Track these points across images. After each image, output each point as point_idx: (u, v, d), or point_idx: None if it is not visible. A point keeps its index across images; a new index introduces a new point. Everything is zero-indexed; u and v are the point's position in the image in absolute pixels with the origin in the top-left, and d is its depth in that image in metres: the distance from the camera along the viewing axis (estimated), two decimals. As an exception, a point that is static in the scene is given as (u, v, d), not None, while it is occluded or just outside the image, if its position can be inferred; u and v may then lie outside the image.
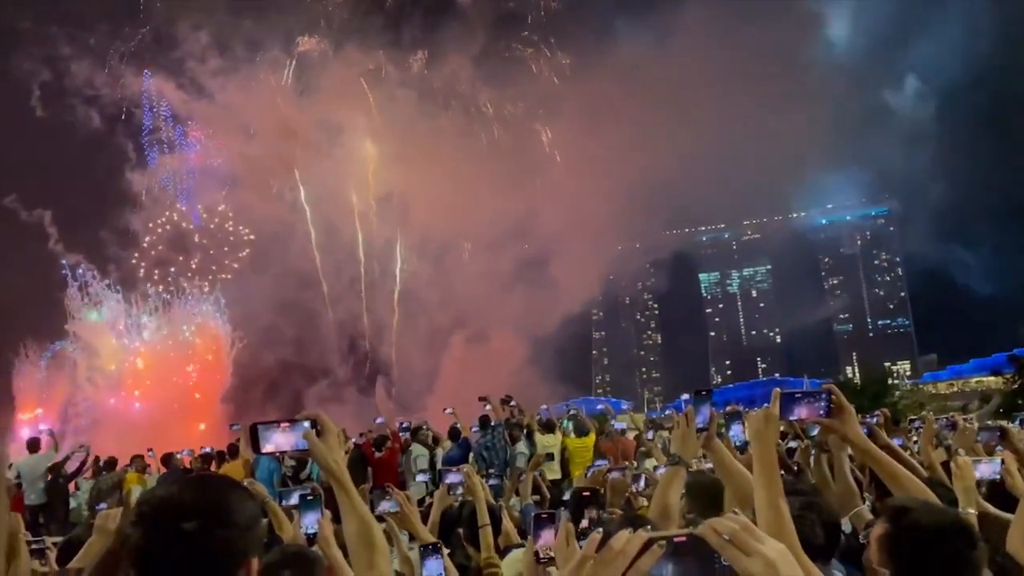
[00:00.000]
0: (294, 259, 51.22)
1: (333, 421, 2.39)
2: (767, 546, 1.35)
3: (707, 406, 3.43)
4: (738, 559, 1.31)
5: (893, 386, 53.18)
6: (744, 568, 1.31)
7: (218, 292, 46.04)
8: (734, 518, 1.39)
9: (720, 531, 1.33)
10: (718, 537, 1.32)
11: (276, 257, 51.49)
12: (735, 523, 1.35)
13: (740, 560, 1.31)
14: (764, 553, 1.34)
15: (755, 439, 2.60)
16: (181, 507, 1.70)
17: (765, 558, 1.33)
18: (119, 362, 41.11)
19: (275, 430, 2.35)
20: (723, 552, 1.32)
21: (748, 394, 63.81)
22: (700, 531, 1.33)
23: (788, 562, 1.36)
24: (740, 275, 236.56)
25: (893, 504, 2.30)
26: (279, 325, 48.02)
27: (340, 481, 2.39)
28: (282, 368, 47.83)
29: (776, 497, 2.42)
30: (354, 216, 52.70)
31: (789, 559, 1.37)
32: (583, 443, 13.28)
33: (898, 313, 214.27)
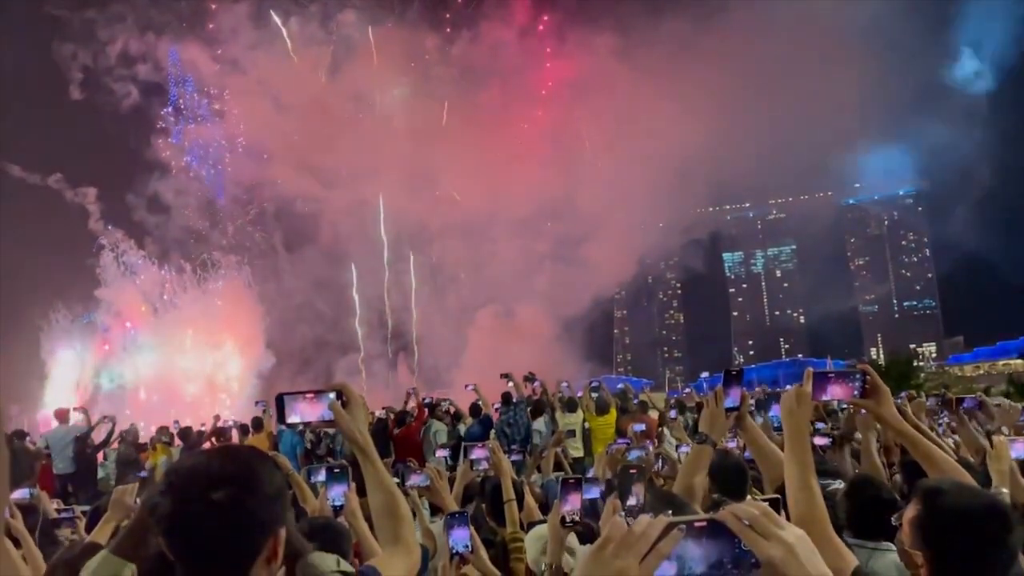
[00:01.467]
0: (325, 235, 51.47)
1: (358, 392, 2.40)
2: (787, 531, 1.37)
3: (738, 387, 3.41)
4: (758, 543, 1.33)
5: (918, 368, 52.79)
6: (764, 552, 1.33)
7: (246, 266, 46.29)
8: (754, 503, 1.40)
9: (740, 516, 1.34)
10: (738, 522, 1.33)
11: (308, 233, 51.85)
12: (755, 508, 1.36)
13: (760, 544, 1.33)
14: (783, 538, 1.35)
15: (787, 417, 2.59)
16: (210, 477, 1.71)
17: (785, 543, 1.34)
18: (152, 334, 41.43)
19: (301, 401, 2.37)
20: (743, 537, 1.33)
21: (771, 374, 63.55)
22: (720, 516, 1.34)
23: (807, 547, 1.37)
24: (764, 255, 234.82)
25: (926, 485, 2.27)
26: (310, 301, 48.43)
27: (365, 452, 2.41)
28: (313, 344, 48.26)
29: (808, 475, 2.41)
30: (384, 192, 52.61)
31: (808, 544, 1.38)
32: (604, 421, 13.32)
33: (924, 295, 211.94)
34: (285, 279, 48.45)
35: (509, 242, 52.45)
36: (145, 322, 41.36)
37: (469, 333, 48.69)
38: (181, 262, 44.12)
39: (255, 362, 41.41)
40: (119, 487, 3.92)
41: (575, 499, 3.43)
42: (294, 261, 50.61)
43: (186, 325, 42.10)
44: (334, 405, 2.35)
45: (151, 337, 41.07)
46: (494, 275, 51.36)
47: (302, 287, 48.44)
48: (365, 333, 52.09)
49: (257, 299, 44.05)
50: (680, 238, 67.61)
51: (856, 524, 3.33)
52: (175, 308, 42.37)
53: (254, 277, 45.69)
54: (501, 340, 44.95)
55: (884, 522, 2.93)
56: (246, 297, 43.80)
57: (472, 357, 44.99)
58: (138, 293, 41.33)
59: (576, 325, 54.67)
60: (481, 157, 50.81)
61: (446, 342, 49.70)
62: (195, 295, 43.34)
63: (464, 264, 53.11)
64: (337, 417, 2.36)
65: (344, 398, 2.38)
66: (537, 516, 5.08)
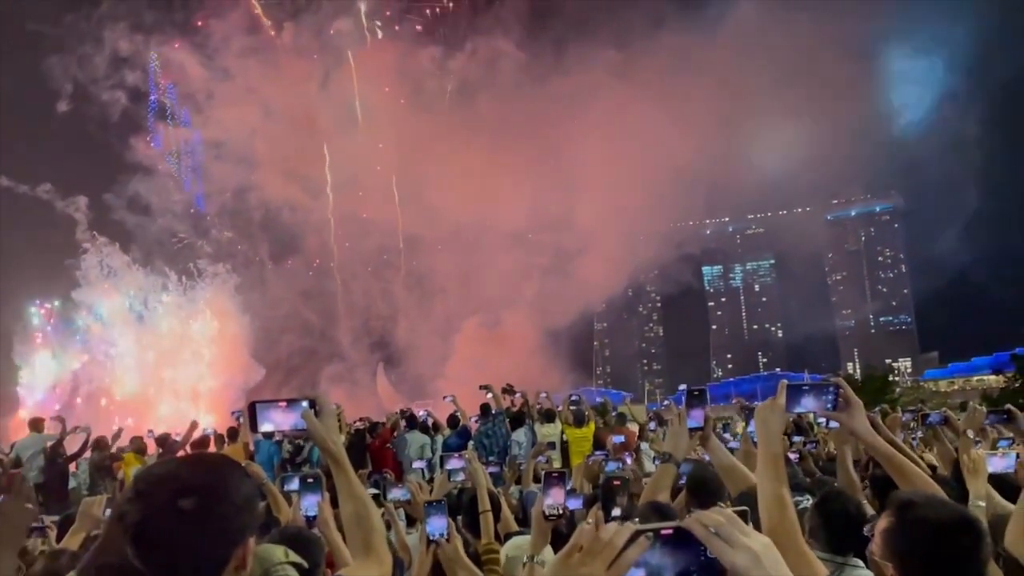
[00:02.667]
0: (311, 244, 51.36)
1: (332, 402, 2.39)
2: (753, 539, 1.37)
3: (700, 407, 3.44)
4: (723, 551, 1.33)
5: (894, 383, 53.36)
6: (729, 560, 1.33)
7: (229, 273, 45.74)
8: (720, 511, 1.41)
9: (706, 524, 1.34)
10: (704, 529, 1.34)
11: (293, 241, 51.77)
12: (721, 516, 1.37)
13: (725, 552, 1.33)
14: (749, 545, 1.36)
15: (760, 429, 2.60)
16: (179, 484, 1.68)
17: (750, 550, 1.35)
18: (133, 341, 40.63)
19: (274, 409, 2.35)
20: (709, 544, 1.34)
21: (749, 388, 64.00)
22: (687, 523, 1.34)
23: (773, 555, 1.38)
24: (743, 269, 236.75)
25: (898, 497, 2.28)
26: (297, 310, 48.22)
27: (338, 461, 2.39)
28: (299, 353, 47.99)
29: (780, 487, 2.42)
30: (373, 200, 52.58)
31: (774, 552, 1.39)
32: (582, 433, 13.28)
33: (900, 311, 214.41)
34: (271, 288, 48.21)
35: (495, 254, 52.69)
36: (126, 328, 40.62)
37: (454, 343, 48.78)
38: (166, 269, 43.48)
39: (240, 371, 40.79)
40: (87, 499, 3.86)
41: (558, 493, 3.44)
42: (280, 271, 50.50)
43: (168, 333, 41.51)
44: (307, 414, 2.33)
45: (132, 344, 40.37)
46: (479, 286, 51.56)
47: (288, 296, 48.24)
48: (350, 342, 51.89)
49: (242, 308, 43.60)
50: (661, 252, 68.09)
51: (825, 538, 3.34)
52: (157, 315, 41.80)
53: (240, 286, 45.20)
54: (485, 351, 45.05)
55: (853, 537, 2.95)
56: (231, 306, 43.29)
57: (456, 367, 44.97)
58: (121, 298, 40.52)
59: (558, 337, 54.93)
60: (470, 170, 51.02)
61: (431, 352, 49.68)
62: (179, 302, 42.81)
63: (451, 274, 53.20)
64: (310, 426, 2.34)
65: (317, 407, 2.36)
66: (514, 527, 5.06)
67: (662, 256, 70.95)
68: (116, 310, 40.34)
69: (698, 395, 3.45)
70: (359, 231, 51.70)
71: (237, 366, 40.58)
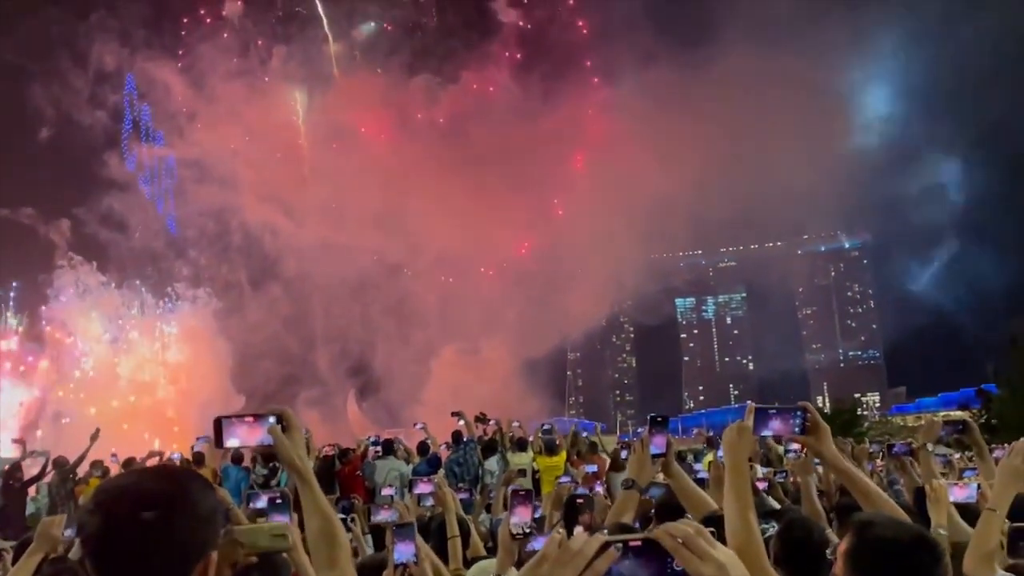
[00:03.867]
0: (290, 267, 50.99)
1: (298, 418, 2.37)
2: (719, 551, 1.39)
3: (662, 433, 3.46)
4: (691, 562, 1.35)
5: (862, 417, 53.87)
6: (696, 571, 1.35)
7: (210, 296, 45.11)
8: (688, 522, 1.43)
9: (675, 535, 1.36)
10: (672, 540, 1.35)
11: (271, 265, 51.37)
12: (690, 527, 1.39)
13: (693, 563, 1.35)
14: (716, 557, 1.38)
15: (728, 451, 2.63)
16: (140, 496, 1.66)
17: (717, 562, 1.37)
18: (103, 363, 39.63)
19: (240, 424, 2.33)
20: (677, 555, 1.35)
21: (721, 420, 64.09)
22: (655, 535, 1.36)
23: (738, 568, 1.40)
24: (716, 301, 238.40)
25: (859, 518, 2.32)
26: (275, 335, 47.69)
27: (304, 478, 2.35)
28: (276, 380, 47.37)
29: (746, 509, 2.45)
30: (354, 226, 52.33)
31: (740, 565, 1.41)
32: (553, 462, 13.26)
33: (869, 345, 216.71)
34: (249, 313, 47.66)
35: (473, 282, 52.76)
36: (98, 349, 39.67)
37: (432, 369, 48.56)
38: (142, 291, 42.72)
39: (218, 397, 39.78)
40: (46, 519, 3.78)
41: (524, 511, 3.43)
42: (257, 295, 49.99)
43: (141, 356, 40.64)
44: (273, 429, 2.30)
45: (104, 366, 39.40)
46: (456, 314, 51.53)
47: (266, 321, 47.70)
48: (327, 367, 51.36)
49: (220, 332, 42.90)
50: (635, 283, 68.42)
51: (788, 564, 3.37)
52: (131, 338, 40.92)
53: (218, 311, 44.52)
54: (462, 378, 44.93)
55: (816, 563, 2.98)
56: (208, 330, 42.51)
57: (432, 394, 44.74)
58: (94, 318, 39.60)
59: (535, 366, 54.93)
60: (450, 198, 51.19)
61: (408, 378, 49.40)
62: (154, 325, 42.04)
63: (429, 302, 53.11)
64: (276, 442, 2.31)
65: (284, 422, 2.33)
66: (482, 553, 5.03)
67: (636, 287, 71.37)
68: (88, 330, 39.51)
69: (660, 422, 3.48)
70: (338, 257, 51.44)
71: (214, 392, 39.68)
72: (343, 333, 52.15)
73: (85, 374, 39.13)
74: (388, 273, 53.77)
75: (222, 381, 41.10)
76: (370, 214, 51.16)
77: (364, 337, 52.89)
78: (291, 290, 50.66)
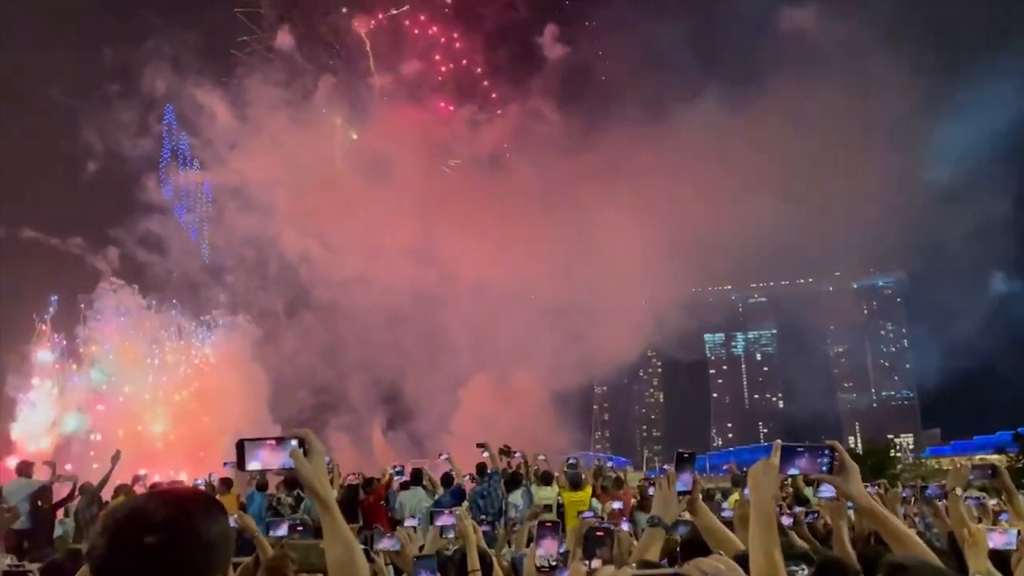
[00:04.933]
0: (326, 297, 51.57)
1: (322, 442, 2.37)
2: None
3: (689, 471, 3.41)
4: None
5: (895, 459, 52.68)
6: None
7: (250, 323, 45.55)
8: (718, 558, 1.41)
9: (706, 570, 1.34)
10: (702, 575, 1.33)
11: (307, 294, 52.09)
12: (720, 563, 1.37)
13: None
14: None
15: (754, 488, 2.59)
16: (146, 520, 1.68)
17: None
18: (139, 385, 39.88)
19: (262, 447, 2.33)
20: None
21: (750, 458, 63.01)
22: (685, 570, 1.34)
23: None
24: (745, 337, 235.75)
25: (890, 560, 2.26)
26: (309, 363, 48.14)
27: (325, 503, 2.34)
28: (309, 408, 47.73)
29: (771, 547, 2.40)
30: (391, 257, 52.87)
31: None
32: (578, 497, 13.11)
33: (903, 385, 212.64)
34: (285, 341, 48.21)
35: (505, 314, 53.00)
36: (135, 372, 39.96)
37: (461, 399, 48.70)
38: (180, 317, 43.19)
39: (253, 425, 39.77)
40: None
41: (551, 544, 3.40)
42: (294, 324, 50.62)
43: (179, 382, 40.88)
44: (295, 453, 2.30)
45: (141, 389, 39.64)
46: (488, 345, 51.75)
47: (301, 349, 48.20)
48: (359, 396, 51.63)
49: (256, 359, 43.25)
50: (664, 318, 68.14)
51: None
52: (169, 363, 41.26)
53: (256, 339, 44.94)
54: (491, 408, 44.99)
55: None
56: (245, 357, 42.80)
57: (461, 423, 44.78)
58: (133, 340, 39.97)
59: (562, 399, 54.84)
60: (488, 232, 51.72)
61: (438, 407, 49.57)
62: (192, 351, 42.42)
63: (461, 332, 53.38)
64: (298, 465, 2.30)
65: (307, 446, 2.33)
66: (504, 587, 4.97)
67: (665, 322, 71.05)
68: (127, 352, 39.86)
69: (687, 458, 3.43)
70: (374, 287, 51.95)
71: (250, 418, 39.73)
72: (375, 361, 52.49)
73: (120, 395, 39.45)
74: (422, 303, 54.15)
75: (258, 408, 41.30)
76: (407, 246, 51.73)
77: (396, 365, 53.23)
78: (326, 318, 51.16)
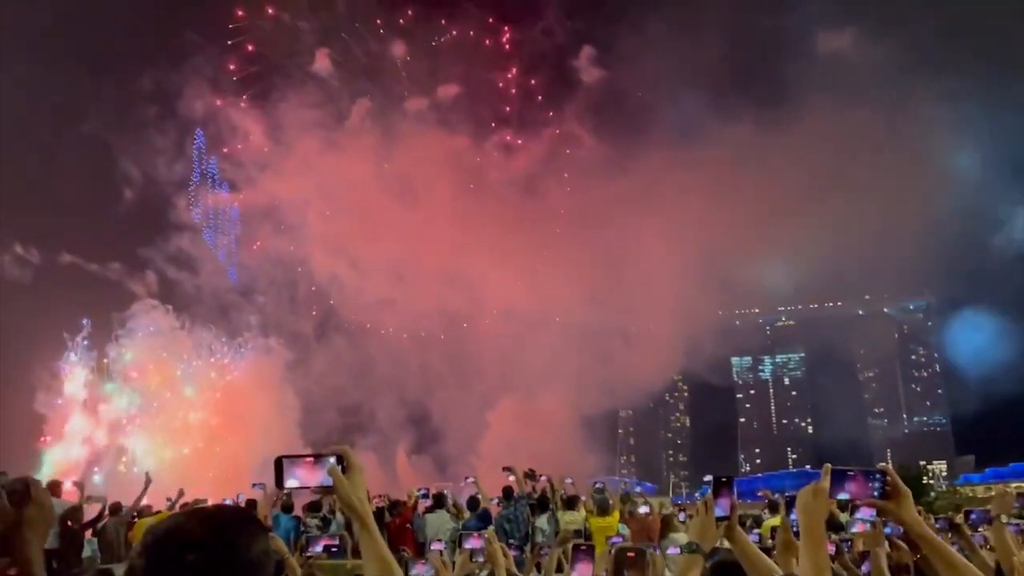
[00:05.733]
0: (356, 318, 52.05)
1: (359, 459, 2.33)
2: None
3: (727, 496, 3.33)
4: None
5: (928, 486, 51.68)
6: None
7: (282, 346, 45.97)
8: None
9: None
10: None
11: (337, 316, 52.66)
12: None
13: None
14: None
15: (803, 513, 2.51)
16: (186, 538, 1.67)
17: None
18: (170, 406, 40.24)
19: (300, 465, 2.31)
20: None
21: (778, 485, 62.20)
22: None
23: None
24: (773, 362, 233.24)
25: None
26: (338, 385, 48.55)
27: (363, 520, 2.32)
28: (338, 431, 48.08)
29: (822, 573, 2.32)
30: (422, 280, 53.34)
31: None
32: (605, 522, 12.97)
33: (935, 411, 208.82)
34: (315, 363, 48.70)
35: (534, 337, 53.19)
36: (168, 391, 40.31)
37: (488, 422, 48.80)
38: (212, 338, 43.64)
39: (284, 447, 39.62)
40: None
41: (585, 568, 3.32)
42: (323, 346, 51.17)
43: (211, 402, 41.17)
44: (333, 471, 2.28)
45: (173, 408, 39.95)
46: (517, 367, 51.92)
47: (330, 371, 48.64)
48: (387, 419, 51.91)
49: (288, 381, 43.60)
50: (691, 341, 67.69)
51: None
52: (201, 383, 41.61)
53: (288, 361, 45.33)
54: (518, 432, 45.04)
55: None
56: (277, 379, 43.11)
57: (489, 446, 44.84)
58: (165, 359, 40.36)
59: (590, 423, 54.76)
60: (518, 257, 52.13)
61: (465, 430, 49.72)
62: (224, 371, 42.79)
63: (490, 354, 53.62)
64: (336, 483, 2.28)
65: (345, 463, 2.30)
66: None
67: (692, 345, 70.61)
68: (157, 372, 40.23)
69: (725, 483, 3.35)
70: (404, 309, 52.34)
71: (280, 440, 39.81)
72: (403, 383, 52.87)
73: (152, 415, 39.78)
74: (451, 325, 54.49)
75: (288, 430, 41.48)
76: (438, 269, 52.16)
77: (424, 387, 53.56)
78: (355, 340, 51.58)
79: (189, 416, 40.68)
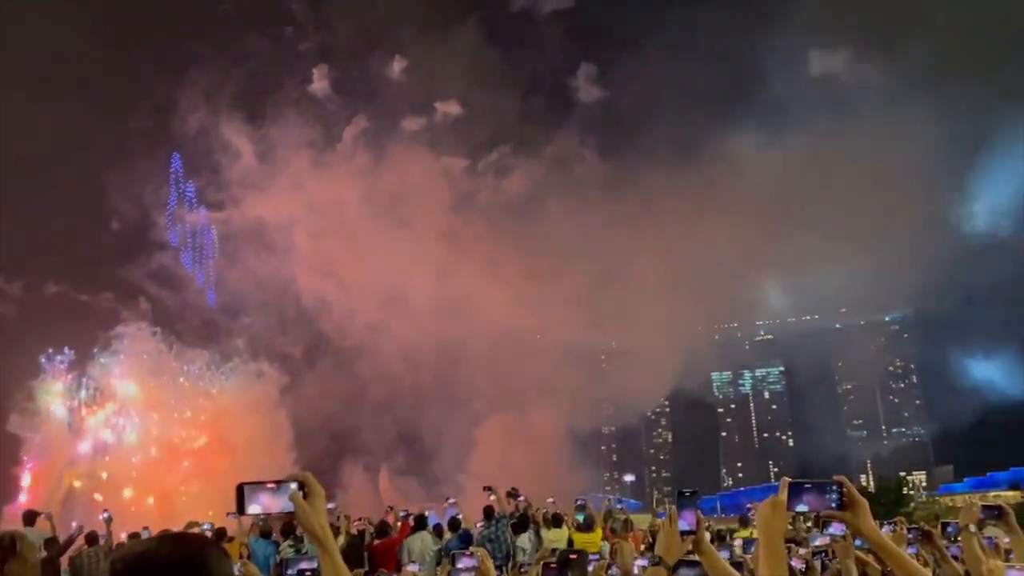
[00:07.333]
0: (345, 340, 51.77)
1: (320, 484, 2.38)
2: None
3: (692, 509, 3.37)
4: None
5: (908, 496, 52.01)
6: None
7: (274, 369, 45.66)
8: None
9: None
10: None
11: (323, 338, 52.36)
12: None
13: None
14: None
15: (762, 526, 2.56)
16: (155, 563, 1.69)
17: None
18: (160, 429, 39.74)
19: (262, 491, 2.33)
20: None
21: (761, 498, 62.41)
22: None
23: None
24: (753, 375, 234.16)
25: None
26: (327, 406, 48.28)
27: (323, 543, 2.34)
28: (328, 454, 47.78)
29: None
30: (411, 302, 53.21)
31: None
32: (589, 538, 12.98)
33: (913, 422, 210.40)
34: (304, 386, 48.46)
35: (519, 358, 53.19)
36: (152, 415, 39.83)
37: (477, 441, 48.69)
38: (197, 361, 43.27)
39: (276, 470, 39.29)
40: None
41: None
42: (311, 369, 50.92)
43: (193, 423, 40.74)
44: (295, 496, 2.30)
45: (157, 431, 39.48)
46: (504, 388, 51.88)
47: (318, 393, 48.40)
48: (375, 439, 51.67)
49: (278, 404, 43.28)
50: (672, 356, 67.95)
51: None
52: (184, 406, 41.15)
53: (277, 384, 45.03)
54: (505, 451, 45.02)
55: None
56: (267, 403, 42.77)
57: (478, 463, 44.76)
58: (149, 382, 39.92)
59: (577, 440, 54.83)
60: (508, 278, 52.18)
61: (455, 449, 49.58)
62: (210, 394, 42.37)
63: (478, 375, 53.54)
64: (297, 508, 2.31)
65: (306, 489, 2.33)
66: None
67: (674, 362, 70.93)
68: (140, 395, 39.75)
69: (689, 496, 3.39)
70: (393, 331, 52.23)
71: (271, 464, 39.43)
72: (393, 403, 52.68)
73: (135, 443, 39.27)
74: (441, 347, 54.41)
75: (280, 455, 41.12)
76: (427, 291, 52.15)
77: (414, 407, 53.41)
78: (343, 362, 51.38)
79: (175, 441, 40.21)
